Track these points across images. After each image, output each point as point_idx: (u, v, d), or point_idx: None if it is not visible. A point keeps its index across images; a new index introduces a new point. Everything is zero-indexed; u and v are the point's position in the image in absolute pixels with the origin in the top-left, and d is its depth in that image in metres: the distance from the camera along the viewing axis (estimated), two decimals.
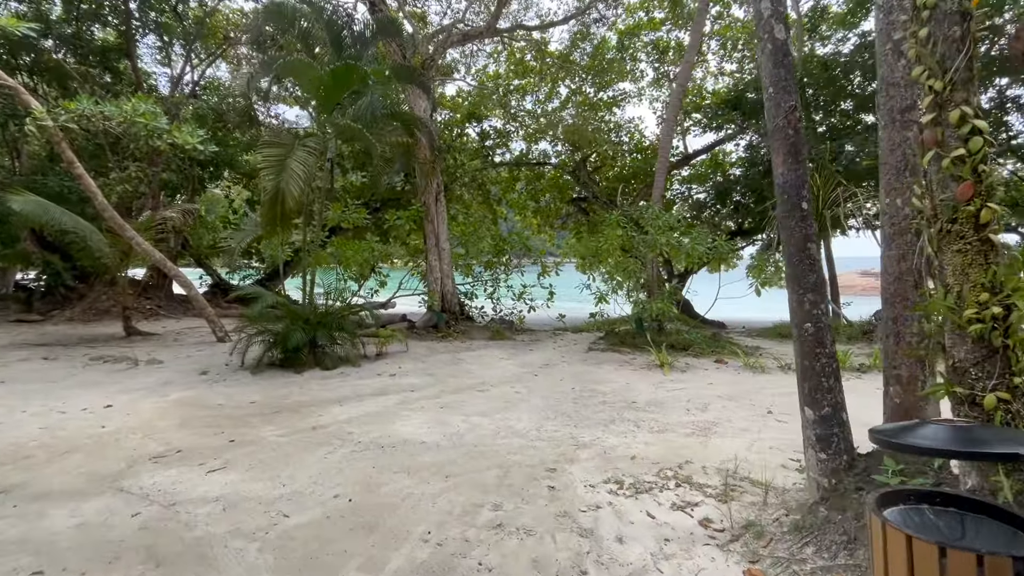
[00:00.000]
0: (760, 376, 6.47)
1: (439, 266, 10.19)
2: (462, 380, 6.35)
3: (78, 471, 3.56)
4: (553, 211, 22.43)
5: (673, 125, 10.05)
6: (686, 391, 5.68)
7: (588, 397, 5.42)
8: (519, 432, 4.31)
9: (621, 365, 7.19)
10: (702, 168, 19.86)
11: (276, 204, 5.69)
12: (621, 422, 4.59)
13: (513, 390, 5.77)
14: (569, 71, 19.46)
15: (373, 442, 4.09)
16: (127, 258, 9.66)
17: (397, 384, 6.14)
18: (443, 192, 10.51)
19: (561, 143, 20.04)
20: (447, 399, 5.42)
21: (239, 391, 5.77)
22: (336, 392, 5.77)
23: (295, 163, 5.69)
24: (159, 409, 5.04)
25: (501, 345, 8.96)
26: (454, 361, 7.55)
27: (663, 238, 7.97)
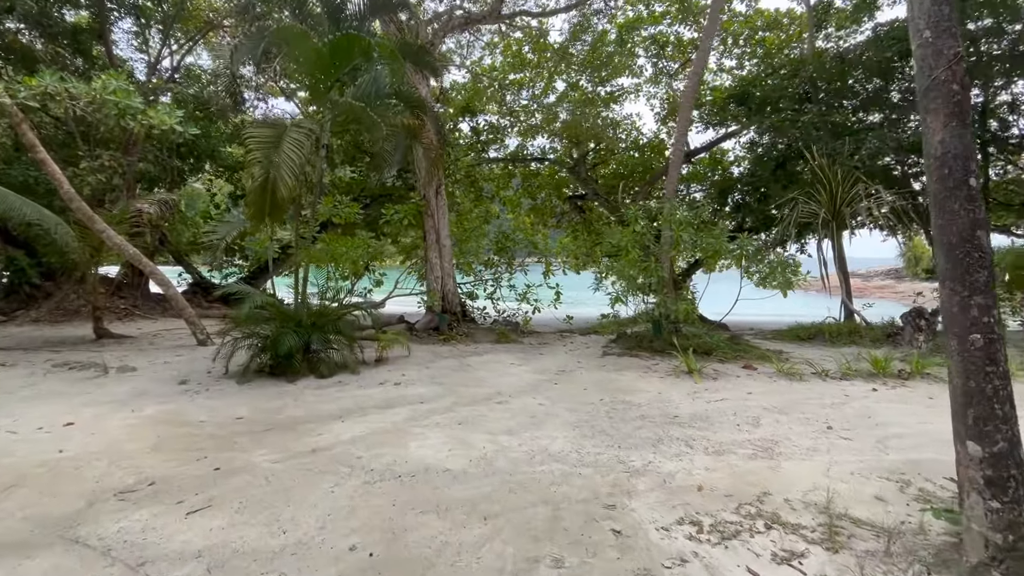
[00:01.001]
0: (799, 384, 5.96)
1: (440, 264, 9.53)
2: (475, 390, 5.72)
3: (22, 513, 2.85)
4: (548, 210, 21.88)
5: (688, 116, 9.54)
6: (727, 402, 5.13)
7: (623, 410, 4.83)
8: (557, 455, 3.70)
9: (645, 372, 6.62)
10: (700, 167, 19.51)
11: (266, 193, 5.00)
12: (669, 441, 4.01)
13: (536, 402, 5.16)
14: (567, 64, 18.91)
15: (387, 469, 3.44)
16: (98, 254, 8.83)
17: (403, 395, 5.49)
18: (443, 185, 9.85)
19: (559, 139, 19.50)
20: (463, 413, 4.79)
21: (224, 404, 5.06)
22: (336, 404, 5.09)
23: (288, 146, 5.00)
24: (129, 427, 4.32)
25: (509, 349, 8.34)
26: (462, 367, 6.91)
27: (686, 235, 7.44)
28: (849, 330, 9.08)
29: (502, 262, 11.07)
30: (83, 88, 6.77)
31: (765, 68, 14.32)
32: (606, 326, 9.92)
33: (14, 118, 6.93)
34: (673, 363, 7.11)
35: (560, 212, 22.43)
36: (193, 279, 16.43)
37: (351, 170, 18.84)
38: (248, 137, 5.11)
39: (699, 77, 10.04)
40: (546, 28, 17.92)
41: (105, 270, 12.52)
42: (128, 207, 8.76)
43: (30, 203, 7.85)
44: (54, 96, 6.82)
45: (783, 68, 13.72)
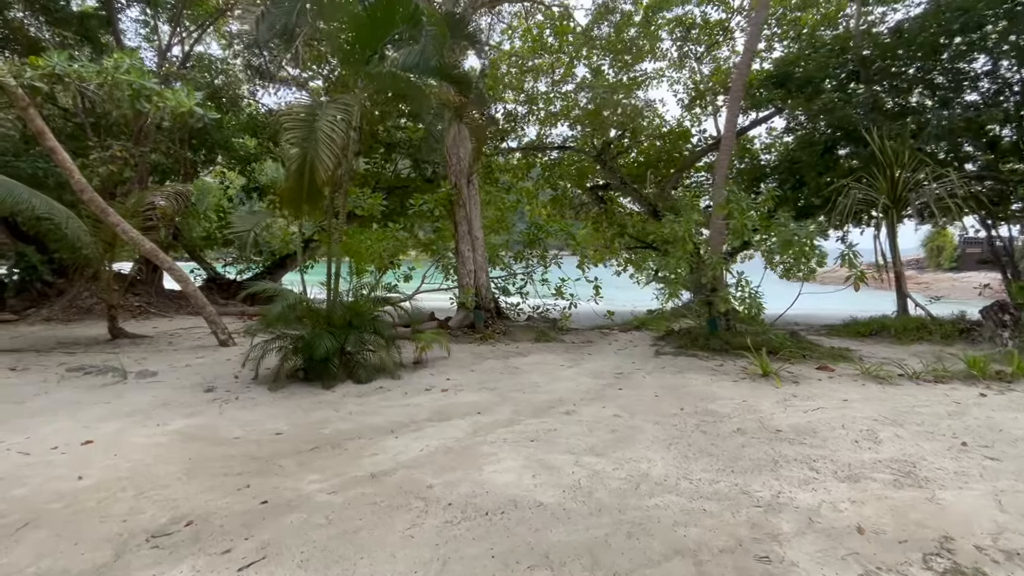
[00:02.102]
0: (893, 388, 5.32)
1: (472, 257, 8.93)
2: (533, 397, 5.13)
3: (36, 568, 2.30)
4: (566, 201, 21.19)
5: (740, 96, 8.85)
6: (826, 412, 4.51)
7: (713, 423, 4.23)
8: (665, 484, 3.11)
9: (712, 374, 6.01)
10: None
11: (302, 179, 4.41)
12: (787, 463, 3.40)
13: (609, 412, 4.56)
14: (590, 48, 18.16)
15: (468, 503, 2.87)
16: (112, 249, 8.32)
17: (455, 403, 4.91)
18: (476, 173, 9.24)
19: (580, 127, 18.77)
20: (531, 427, 4.20)
21: (259, 416, 4.51)
22: (383, 416, 4.53)
23: (325, 124, 4.40)
24: (156, 446, 3.77)
25: (552, 348, 7.75)
26: (509, 370, 6.33)
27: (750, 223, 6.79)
28: (916, 326, 8.40)
29: (534, 255, 10.46)
30: (94, 69, 6.20)
31: (805, 47, 13.49)
32: (649, 322, 9.30)
33: (20, 102, 6.38)
34: (739, 364, 6.49)
35: (579, 203, 21.75)
36: (207, 275, 15.95)
37: (365, 161, 18.31)
38: (282, 116, 4.52)
39: (752, 53, 9.34)
40: (569, 8, 17.11)
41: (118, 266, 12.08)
42: (142, 198, 8.23)
43: (40, 195, 7.33)
44: (63, 78, 6.26)
45: (824, 47, 12.91)
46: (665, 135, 19.03)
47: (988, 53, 10.15)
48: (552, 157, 20.36)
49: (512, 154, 20.40)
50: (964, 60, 10.34)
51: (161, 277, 13.02)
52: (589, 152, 18.43)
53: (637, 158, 19.54)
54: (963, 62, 10.38)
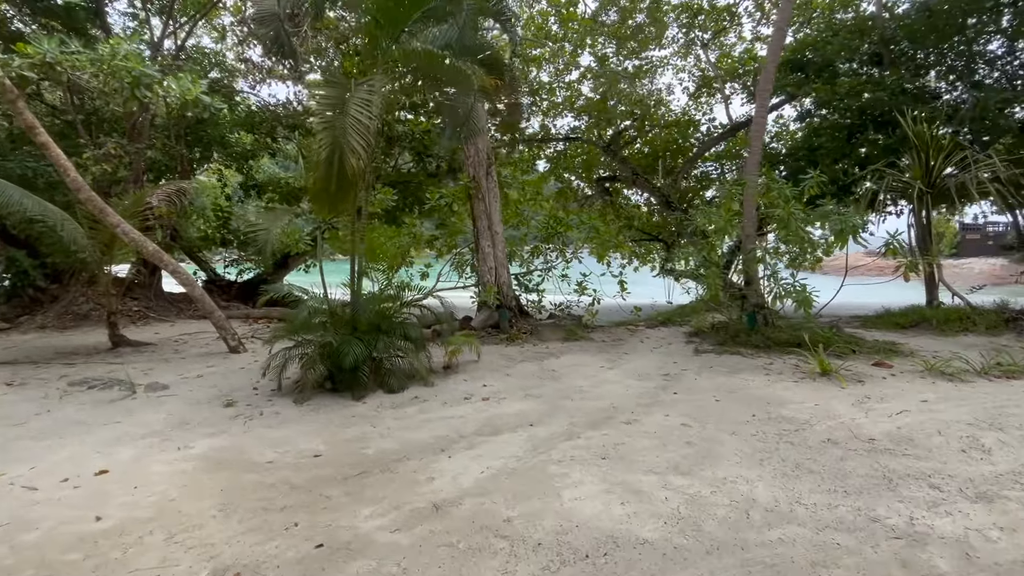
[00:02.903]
0: (966, 386, 4.96)
1: (493, 253, 8.49)
2: (583, 404, 4.72)
3: None
4: (571, 194, 20.76)
5: (771, 77, 8.41)
6: (911, 415, 4.13)
7: (794, 431, 3.84)
8: (777, 510, 2.71)
9: (766, 374, 5.62)
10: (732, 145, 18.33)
11: (332, 168, 3.95)
12: (900, 480, 3.02)
13: (674, 421, 4.16)
14: (595, 35, 17.66)
15: (559, 541, 2.46)
16: (110, 251, 7.81)
17: (501, 414, 4.49)
18: (494, 164, 8.79)
19: (586, 117, 18.30)
20: (594, 440, 3.79)
21: (290, 434, 4.07)
22: (428, 431, 4.11)
23: (356, 108, 3.95)
24: (181, 475, 3.33)
25: (584, 348, 7.34)
26: (547, 373, 5.91)
27: (795, 213, 6.40)
28: (959, 316, 8.06)
29: (552, 249, 10.03)
30: (88, 56, 5.68)
31: (823, 30, 13.07)
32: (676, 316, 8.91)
33: (8, 94, 5.85)
34: (789, 362, 6.11)
35: (583, 196, 21.31)
36: (208, 276, 15.41)
37: None
38: (314, 96, 4.03)
39: (783, 32, 8.88)
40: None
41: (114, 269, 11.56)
42: (142, 197, 7.71)
43: (32, 196, 6.83)
44: (54, 66, 5.74)
45: (843, 29, 12.51)
46: (671, 124, 18.62)
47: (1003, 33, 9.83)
48: (557, 149, 19.91)
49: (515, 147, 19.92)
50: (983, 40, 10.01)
51: (160, 280, 12.48)
52: (597, 143, 17.95)
53: (642, 148, 19.13)
54: (982, 43, 10.06)
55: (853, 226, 6.24)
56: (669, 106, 19.28)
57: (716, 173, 19.22)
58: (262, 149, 15.85)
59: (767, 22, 17.85)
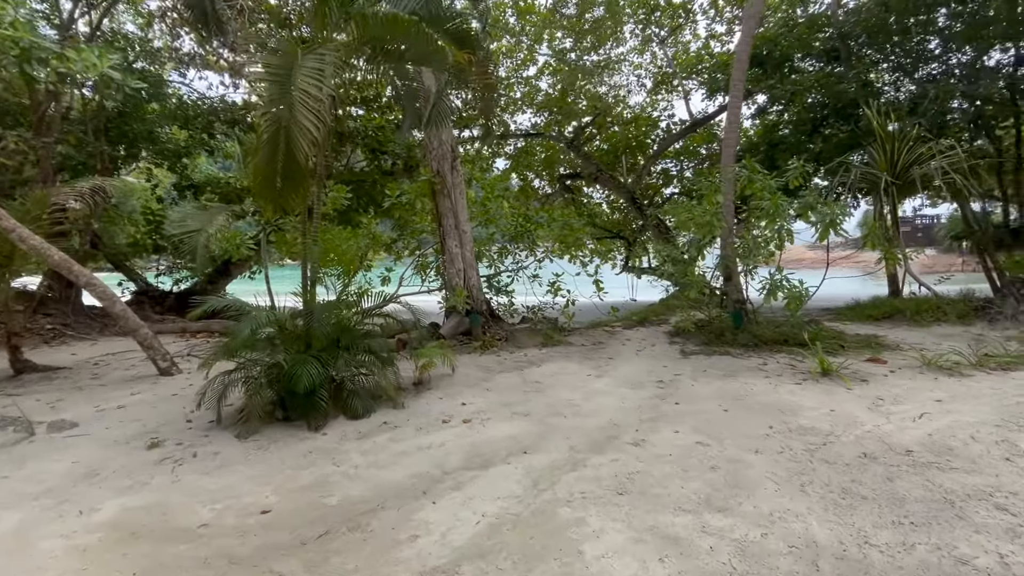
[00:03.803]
0: (970, 381, 4.75)
1: (461, 253, 7.83)
2: (579, 422, 4.17)
3: None
4: (532, 192, 20.36)
5: (744, 68, 8.18)
6: (933, 419, 3.82)
7: (822, 445, 3.42)
8: (847, 556, 2.23)
9: (765, 376, 5.26)
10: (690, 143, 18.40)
11: (277, 151, 3.20)
12: (963, 503, 2.63)
13: (686, 439, 3.67)
14: (553, 29, 17.28)
15: None
16: (10, 262, 6.62)
17: (488, 439, 3.87)
18: (459, 158, 8.13)
19: (546, 113, 17.89)
20: (604, 469, 3.24)
21: (231, 483, 3.29)
22: (403, 466, 3.43)
23: (305, 80, 3.21)
24: (81, 553, 2.53)
25: (564, 354, 6.81)
26: (530, 386, 5.33)
27: (783, 204, 6.11)
28: (929, 307, 8.09)
29: (522, 248, 9.47)
30: None
31: (780, 25, 13.17)
32: (651, 315, 8.54)
33: None
34: (782, 361, 5.81)
35: (545, 194, 20.95)
36: (138, 287, 13.90)
37: None
38: (263, 67, 3.25)
39: (756, 20, 8.67)
40: None
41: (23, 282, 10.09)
42: (45, 198, 6.57)
43: None
44: None
45: (798, 25, 12.62)
46: (630, 122, 18.51)
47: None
48: (517, 146, 19.42)
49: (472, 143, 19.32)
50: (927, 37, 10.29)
51: (79, 293, 11.03)
52: (559, 139, 17.55)
53: (602, 145, 18.93)
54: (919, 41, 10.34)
55: (836, 218, 6.01)
56: (628, 103, 19.20)
57: (676, 170, 19.30)
58: (198, 146, 14.47)
59: (721, 19, 18.02)
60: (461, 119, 17.39)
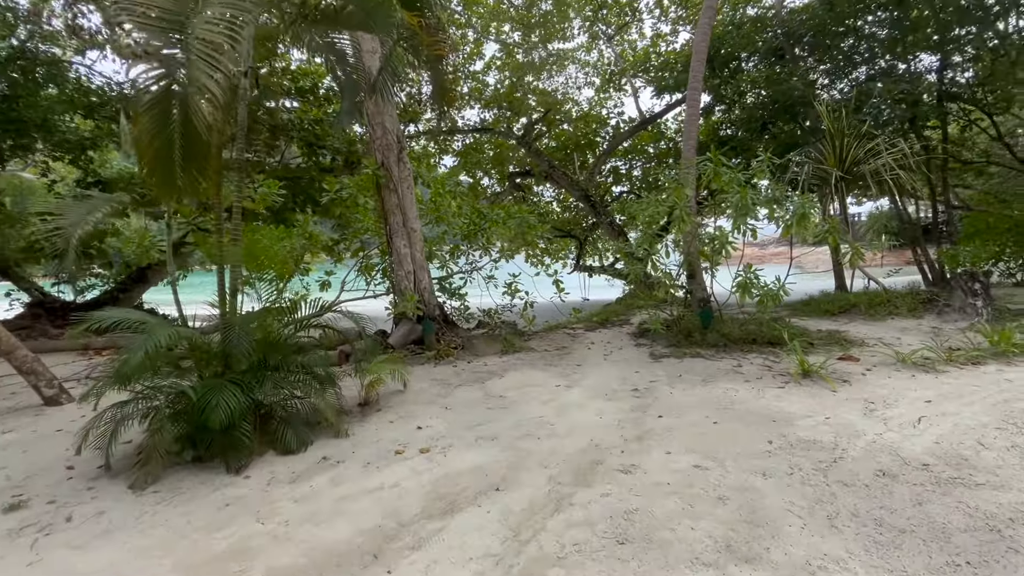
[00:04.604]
0: (948, 378, 4.62)
1: (410, 254, 7.11)
2: (555, 444, 3.62)
3: None
4: (480, 191, 19.78)
5: (703, 58, 7.98)
6: (932, 424, 3.57)
7: (832, 464, 3.05)
8: None
9: (744, 380, 4.93)
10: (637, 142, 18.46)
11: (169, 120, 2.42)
12: (1008, 529, 2.29)
13: (682, 462, 3.20)
14: (500, 21, 16.79)
15: None
16: None
17: (451, 474, 3.24)
18: (406, 149, 7.41)
19: (499, 108, 17.35)
20: (596, 509, 2.70)
21: (116, 559, 2.49)
22: (347, 520, 2.74)
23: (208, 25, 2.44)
24: None
25: (528, 361, 6.25)
26: (494, 401, 4.73)
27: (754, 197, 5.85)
28: (881, 301, 8.20)
29: (476, 248, 8.85)
30: None
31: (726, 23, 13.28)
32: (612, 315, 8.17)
33: None
34: (755, 362, 5.54)
35: (494, 193, 20.43)
36: (33, 298, 12.09)
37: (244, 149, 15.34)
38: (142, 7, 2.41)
39: (714, 10, 8.48)
40: None
41: None
42: None
43: None
44: None
45: (745, 23, 12.76)
46: (579, 119, 18.33)
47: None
48: (465, 142, 18.77)
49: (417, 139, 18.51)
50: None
51: None
52: (510, 135, 17.05)
53: (550, 143, 18.63)
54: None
55: (807, 212, 5.83)
56: (577, 101, 19.02)
57: (625, 169, 19.31)
58: (106, 138, 12.81)
59: (666, 19, 18.15)
60: (407, 112, 16.59)
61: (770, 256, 39.99)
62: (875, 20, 10.64)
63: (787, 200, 6.03)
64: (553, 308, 8.95)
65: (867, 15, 10.58)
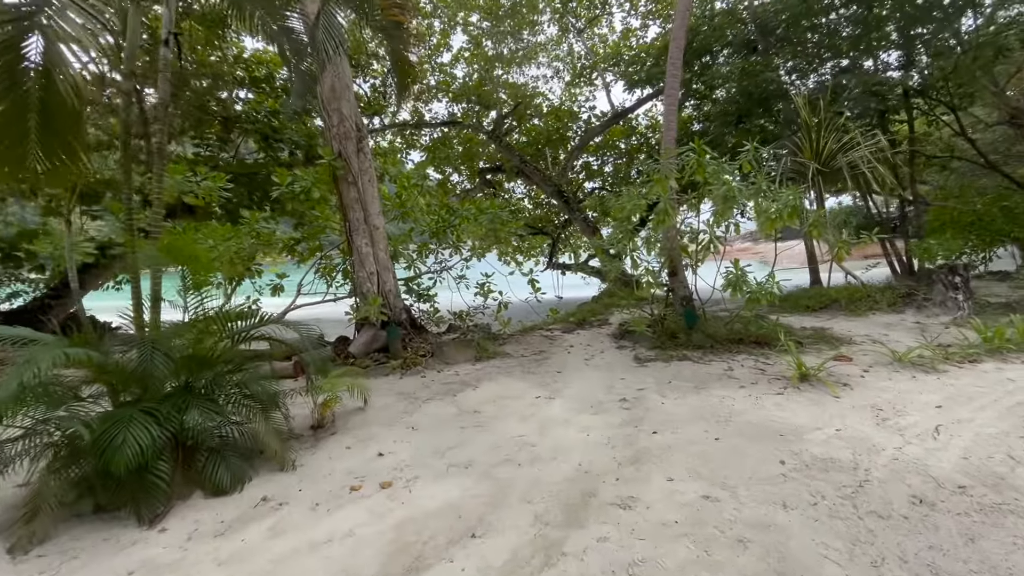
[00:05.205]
0: (949, 379, 4.35)
1: (373, 253, 6.50)
2: (539, 471, 3.13)
3: None
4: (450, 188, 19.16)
5: (683, 43, 7.64)
6: (953, 435, 3.24)
7: (857, 488, 2.66)
8: None
9: (739, 385, 4.56)
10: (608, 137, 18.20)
11: (18, 78, 1.81)
12: None
13: (688, 492, 2.75)
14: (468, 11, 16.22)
15: None
16: None
17: (417, 516, 2.70)
18: (368, 138, 6.78)
19: (468, 102, 16.75)
20: (593, 560, 2.22)
21: None
22: None
23: None
24: None
25: (503, 368, 5.74)
26: (467, 417, 4.20)
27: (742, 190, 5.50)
28: (861, 296, 8.06)
29: (444, 247, 8.28)
30: None
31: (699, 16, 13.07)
32: (588, 315, 7.76)
33: None
34: (746, 364, 5.20)
35: (464, 190, 19.83)
36: None
37: (194, 143, 14.44)
38: None
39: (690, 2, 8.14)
40: None
41: None
42: None
43: None
44: None
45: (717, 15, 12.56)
46: (550, 114, 17.94)
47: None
48: (433, 137, 18.10)
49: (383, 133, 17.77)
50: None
51: None
52: (480, 129, 16.49)
53: (520, 139, 18.18)
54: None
55: (796, 205, 5.53)
56: (547, 95, 18.63)
57: (597, 164, 19.01)
58: None
59: (636, 13, 17.92)
60: (370, 105, 15.83)
61: (736, 252, 40.55)
62: (840, 16, 10.58)
63: (773, 192, 5.70)
64: (528, 308, 8.48)
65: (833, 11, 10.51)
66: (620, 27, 18.22)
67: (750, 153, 5.96)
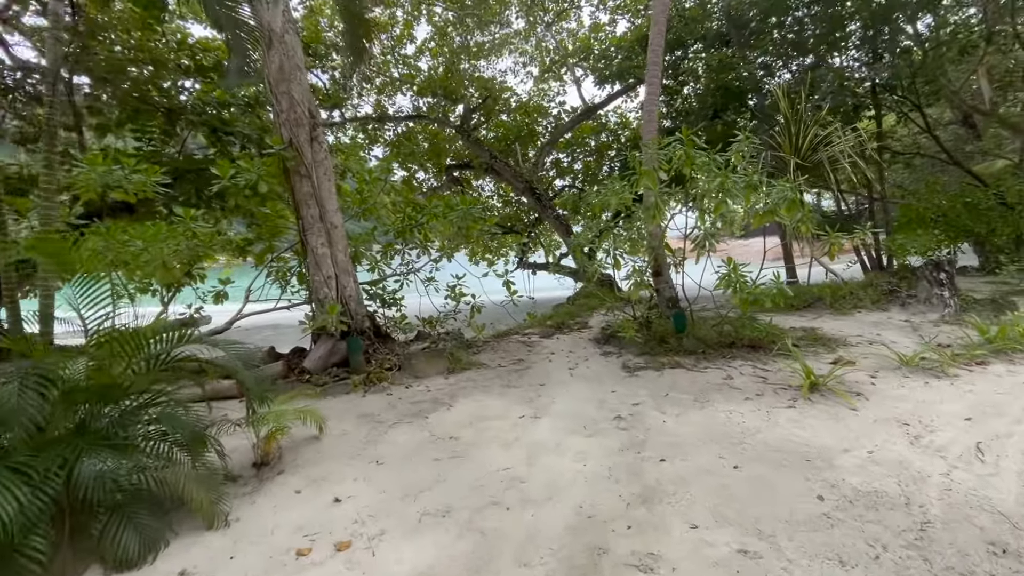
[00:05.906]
0: (963, 383, 4.05)
1: (330, 254, 5.79)
2: (535, 519, 2.58)
3: None
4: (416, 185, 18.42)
5: (663, 28, 7.24)
6: (1001, 459, 2.87)
7: (918, 534, 2.22)
8: None
9: (744, 397, 4.12)
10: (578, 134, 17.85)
11: None
12: None
13: (719, 544, 2.25)
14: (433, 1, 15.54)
15: None
16: None
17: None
18: (320, 127, 6.05)
19: (433, 95, 16.03)
20: None
21: None
22: None
23: None
24: None
25: (480, 381, 5.15)
26: (441, 446, 3.60)
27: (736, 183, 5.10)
28: (845, 293, 7.87)
29: (411, 247, 7.62)
30: None
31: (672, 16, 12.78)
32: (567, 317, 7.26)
33: None
34: (744, 371, 4.79)
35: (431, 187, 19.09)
36: None
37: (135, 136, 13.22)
38: None
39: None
40: None
41: None
42: None
43: None
44: None
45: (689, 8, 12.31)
46: (519, 109, 17.45)
47: None
48: (398, 131, 17.31)
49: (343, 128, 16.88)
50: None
51: None
52: (446, 123, 15.82)
53: (488, 135, 17.61)
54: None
55: (793, 199, 5.17)
56: (515, 90, 18.13)
57: (567, 161, 18.63)
58: None
59: (604, 8, 17.60)
60: (328, 98, 14.94)
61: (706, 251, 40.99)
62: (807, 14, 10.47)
63: (765, 186, 5.33)
64: (501, 311, 7.92)
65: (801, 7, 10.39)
66: (589, 21, 17.90)
67: (742, 144, 5.57)
